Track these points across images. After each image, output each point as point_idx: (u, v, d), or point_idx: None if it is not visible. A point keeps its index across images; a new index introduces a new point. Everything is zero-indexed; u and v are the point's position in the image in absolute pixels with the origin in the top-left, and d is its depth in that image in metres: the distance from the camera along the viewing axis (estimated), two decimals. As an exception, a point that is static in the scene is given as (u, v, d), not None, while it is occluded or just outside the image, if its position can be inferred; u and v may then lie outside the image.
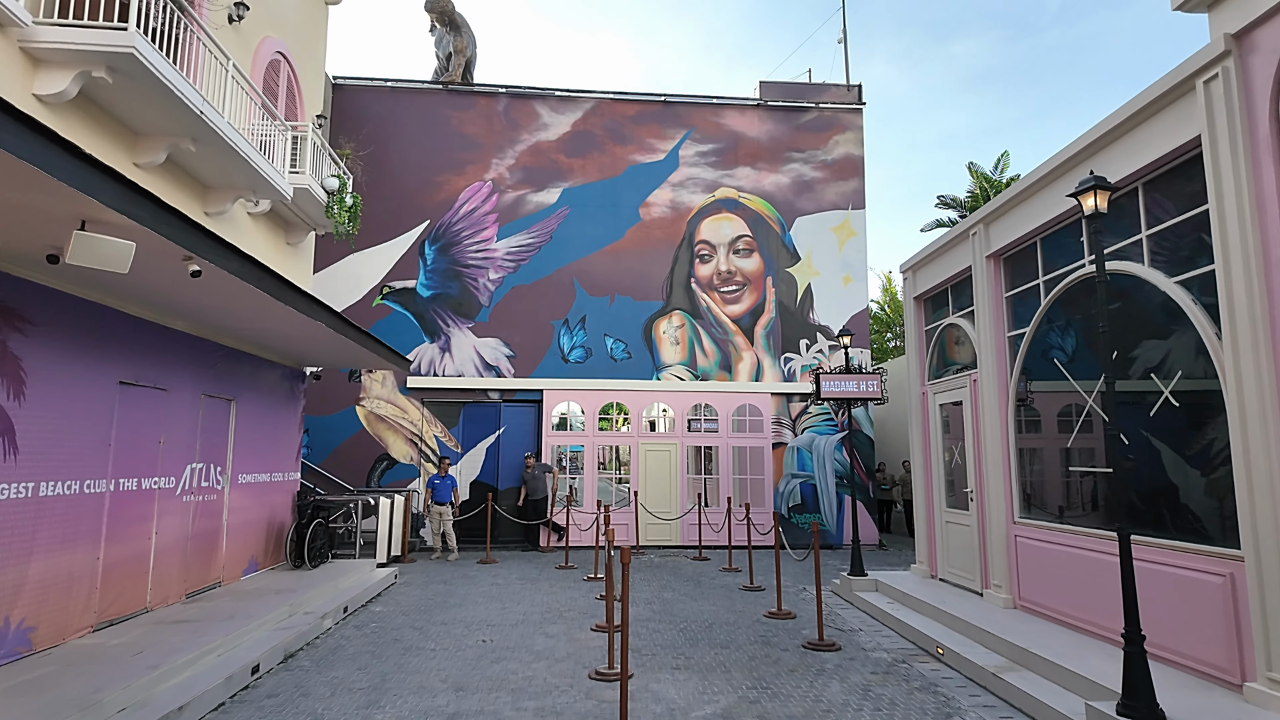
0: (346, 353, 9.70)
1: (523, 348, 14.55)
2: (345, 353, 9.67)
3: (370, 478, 13.99)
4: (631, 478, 14.25)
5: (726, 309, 14.99)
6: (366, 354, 9.69)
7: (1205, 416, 5.08)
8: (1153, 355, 5.55)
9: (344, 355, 9.96)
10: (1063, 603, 6.46)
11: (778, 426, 14.71)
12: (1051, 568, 6.64)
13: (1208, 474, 5.07)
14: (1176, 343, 5.32)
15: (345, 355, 9.95)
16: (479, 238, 14.83)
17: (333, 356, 10.13)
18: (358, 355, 9.84)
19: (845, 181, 15.68)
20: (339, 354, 9.91)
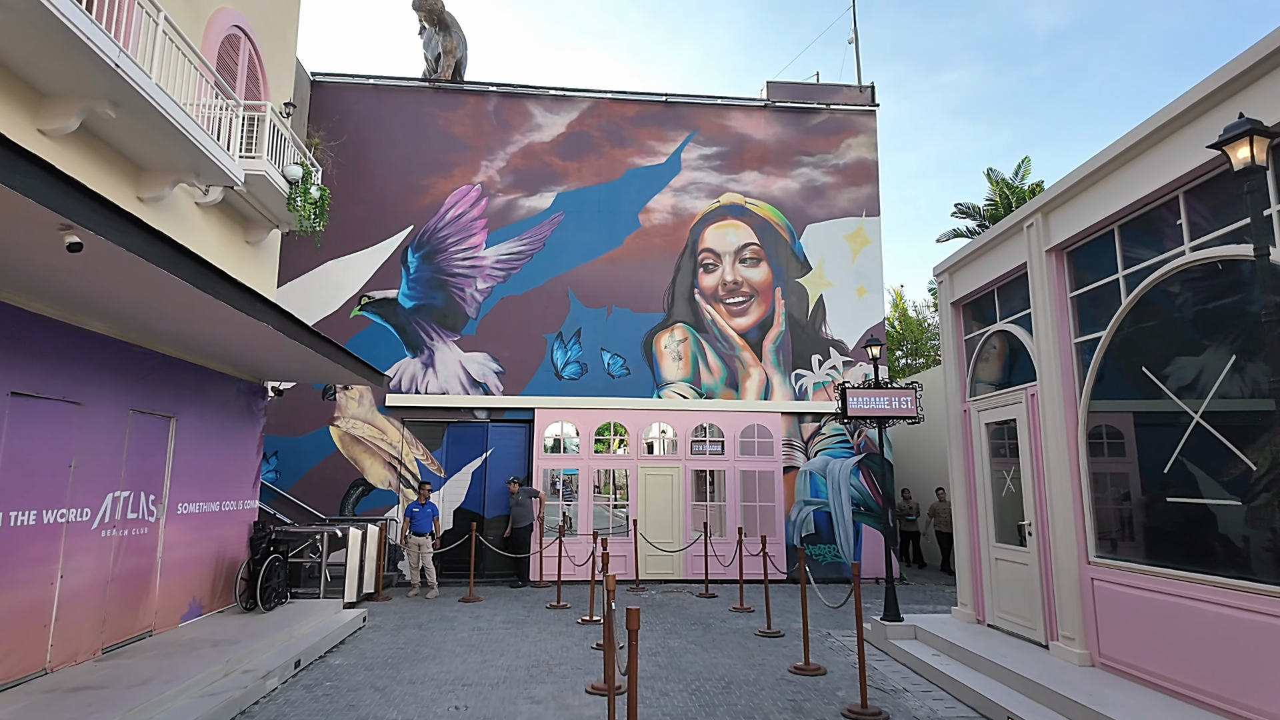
0: (310, 365, 8.55)
1: (513, 363, 13.42)
2: (308, 365, 8.53)
3: (344, 505, 12.76)
4: (630, 504, 13.05)
5: (733, 322, 13.91)
6: (333, 367, 8.54)
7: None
8: None
9: (307, 367, 8.81)
10: (1163, 664, 5.30)
11: (789, 449, 13.56)
12: (1145, 620, 5.48)
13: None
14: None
15: (309, 367, 8.81)
16: (466, 244, 13.76)
17: (295, 369, 8.98)
18: (323, 368, 8.69)
19: (858, 187, 14.70)
20: (302, 366, 8.76)
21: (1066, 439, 6.38)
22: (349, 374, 9.10)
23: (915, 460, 16.18)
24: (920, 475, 16.16)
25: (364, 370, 9.09)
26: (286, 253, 13.32)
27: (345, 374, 9.16)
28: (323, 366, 8.74)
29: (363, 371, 9.06)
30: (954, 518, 8.40)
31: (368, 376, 9.22)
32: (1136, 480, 5.77)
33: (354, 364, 8.71)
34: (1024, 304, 7.24)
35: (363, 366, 9.04)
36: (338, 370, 8.90)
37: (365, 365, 8.98)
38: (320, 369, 8.95)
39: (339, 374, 9.19)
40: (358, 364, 8.78)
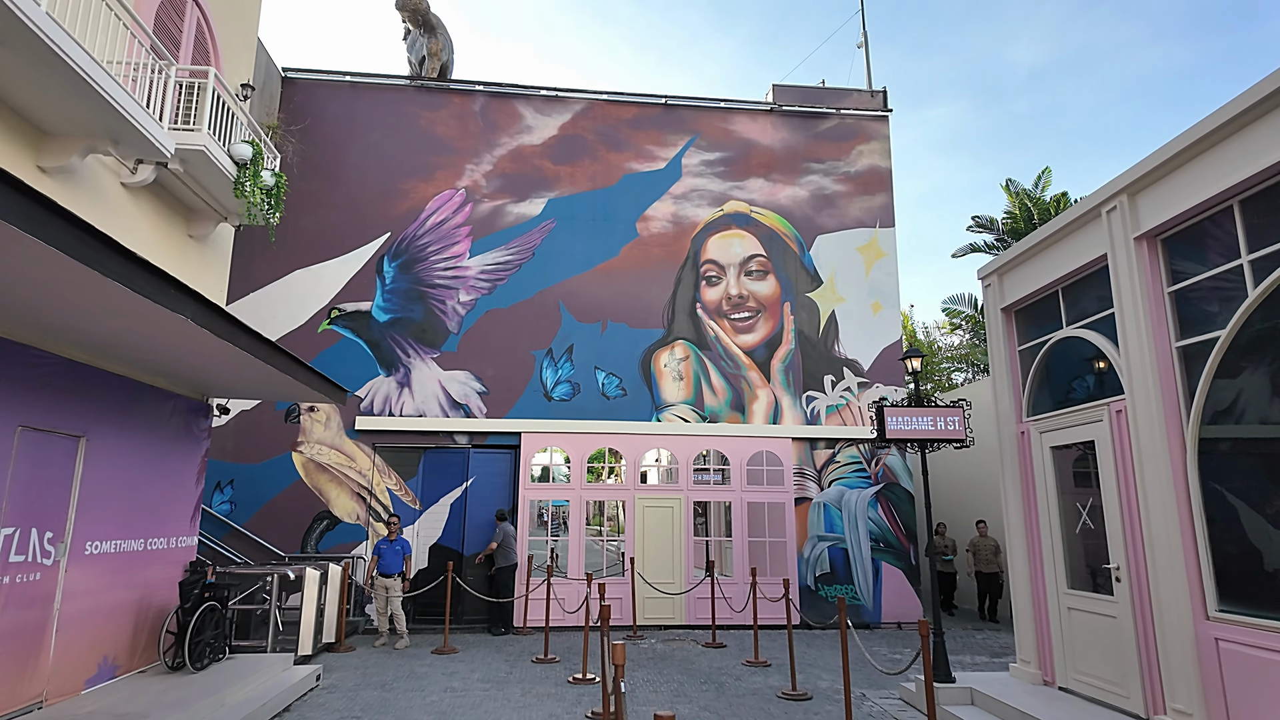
0: (258, 377, 7.31)
1: (498, 382, 12.19)
2: (257, 377, 7.28)
3: (307, 541, 11.39)
4: (626, 539, 11.75)
5: (738, 339, 12.78)
6: (286, 380, 7.30)
7: None
8: None
9: (256, 380, 7.56)
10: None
11: (800, 478, 12.34)
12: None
13: None
14: None
15: (258, 380, 7.56)
16: (449, 253, 12.60)
17: (243, 382, 7.73)
18: (273, 382, 7.45)
19: (871, 196, 13.72)
20: (251, 379, 7.52)
21: (1171, 464, 5.22)
22: (305, 389, 7.85)
23: (949, 490, 14.99)
24: (949, 507, 14.96)
25: (322, 385, 7.85)
26: (248, 261, 12.13)
27: (301, 389, 7.91)
28: (273, 380, 7.49)
29: (321, 387, 7.82)
30: (1009, 558, 7.19)
31: (327, 393, 7.97)
32: (1277, 514, 4.61)
33: (310, 377, 7.47)
34: (1100, 304, 6.14)
35: (321, 381, 7.81)
36: (292, 385, 7.65)
37: (324, 380, 7.74)
38: (271, 383, 7.70)
39: (293, 389, 7.94)
40: (314, 377, 7.55)
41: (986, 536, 12.69)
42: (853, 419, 12.68)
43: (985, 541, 12.60)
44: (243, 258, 12.14)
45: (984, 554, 12.54)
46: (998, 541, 12.47)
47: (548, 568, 9.90)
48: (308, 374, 7.35)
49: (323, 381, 7.87)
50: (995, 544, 12.46)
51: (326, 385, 7.96)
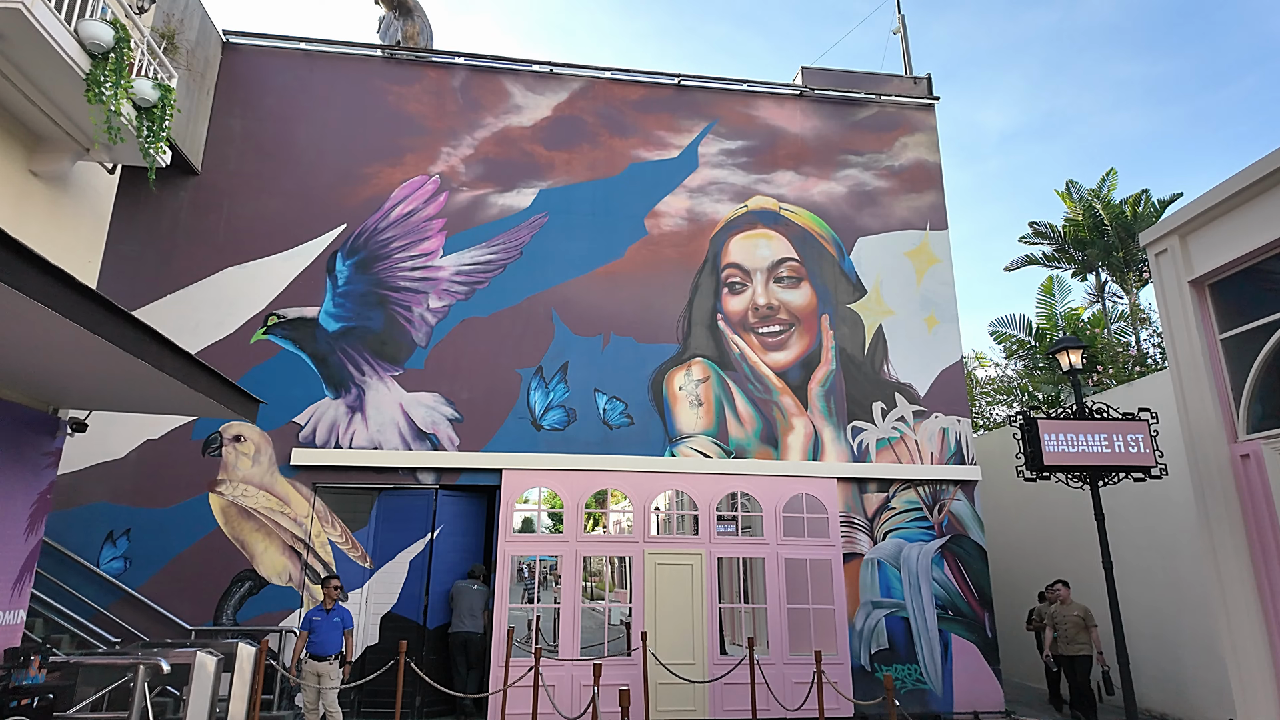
0: (125, 378, 4.96)
1: (474, 408, 9.82)
2: (122, 378, 4.94)
3: (222, 609, 8.79)
4: (634, 607, 9.24)
5: (768, 357, 10.53)
6: (169, 384, 4.96)
7: None
8: None
9: (122, 384, 5.21)
10: None
11: (848, 529, 9.96)
12: None
13: None
14: None
15: (124, 384, 5.20)
16: (417, 250, 10.36)
17: (103, 385, 5.36)
18: (150, 386, 5.11)
19: (919, 194, 11.71)
20: (114, 381, 5.16)
21: None
22: (199, 398, 5.48)
23: (1003, 541, 12.56)
24: (1011, 565, 12.54)
25: (224, 393, 5.49)
26: (167, 255, 9.83)
27: (192, 398, 5.53)
28: (151, 383, 5.13)
29: (222, 395, 5.46)
30: (1229, 629, 4.83)
31: (231, 404, 5.59)
32: None
33: (205, 380, 5.13)
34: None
35: (222, 387, 5.45)
36: (177, 390, 5.28)
37: (226, 385, 5.39)
38: (148, 388, 5.33)
39: (180, 397, 5.57)
40: (211, 381, 5.20)
41: (1069, 603, 9.68)
42: (908, 455, 10.38)
43: (1067, 612, 9.54)
44: (160, 251, 9.84)
45: (1066, 629, 9.41)
46: (1085, 610, 9.56)
47: (535, 650, 7.34)
48: (200, 375, 5.00)
49: (224, 388, 5.51)
50: (1082, 614, 9.45)
51: (229, 393, 5.60)
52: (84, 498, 8.89)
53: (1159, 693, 9.91)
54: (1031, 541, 12.24)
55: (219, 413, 5.83)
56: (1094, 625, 9.29)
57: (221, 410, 5.72)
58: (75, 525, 8.78)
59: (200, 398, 5.47)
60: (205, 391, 5.30)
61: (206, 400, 5.49)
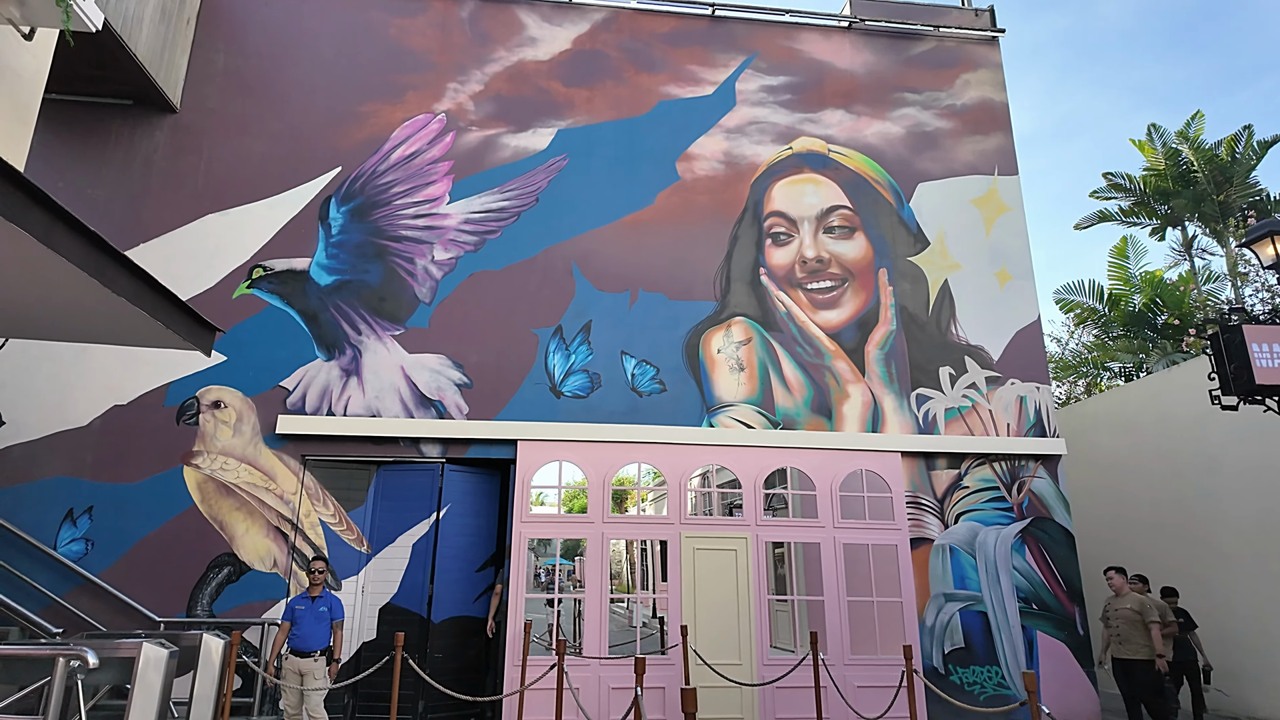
0: (22, 280, 3.79)
1: (485, 371, 8.62)
2: (19, 280, 3.77)
3: (197, 598, 7.63)
4: (669, 600, 7.98)
5: (818, 316, 9.25)
6: (98, 295, 3.79)
7: None
8: None
9: (31, 297, 4.04)
10: None
11: (915, 510, 8.65)
12: None
13: None
14: None
15: (35, 296, 4.03)
16: (420, 196, 9.18)
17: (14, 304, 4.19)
18: (77, 300, 3.94)
19: (984, 136, 10.38)
20: (25, 293, 4.00)
21: None
22: (136, 317, 4.30)
23: (1090, 527, 11.12)
24: (1099, 555, 11.12)
25: (167, 311, 4.31)
26: (139, 200, 8.73)
27: (128, 318, 4.35)
28: (67, 289, 3.96)
29: (164, 313, 4.28)
30: None
31: (177, 327, 4.41)
32: None
33: (129, 284, 3.95)
34: None
35: (165, 305, 4.28)
36: (107, 306, 4.10)
37: (170, 301, 4.22)
38: (64, 298, 4.16)
39: (112, 316, 4.39)
40: (135, 285, 4.01)
41: (1124, 594, 7.79)
42: (981, 426, 9.05)
43: (1120, 605, 7.75)
44: (131, 196, 8.73)
45: (1119, 626, 7.66)
46: (1144, 604, 7.64)
47: (558, 643, 6.07)
48: (141, 290, 3.83)
49: (171, 308, 4.33)
50: (1137, 609, 7.63)
51: (176, 314, 4.42)
52: (40, 471, 7.78)
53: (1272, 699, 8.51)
54: (1113, 528, 10.85)
55: (162, 340, 4.65)
56: (1154, 621, 7.54)
57: (166, 337, 4.54)
58: (29, 502, 7.66)
59: (141, 318, 4.29)
60: (148, 309, 4.13)
61: (147, 321, 4.30)
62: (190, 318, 4.50)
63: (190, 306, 4.58)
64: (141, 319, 4.30)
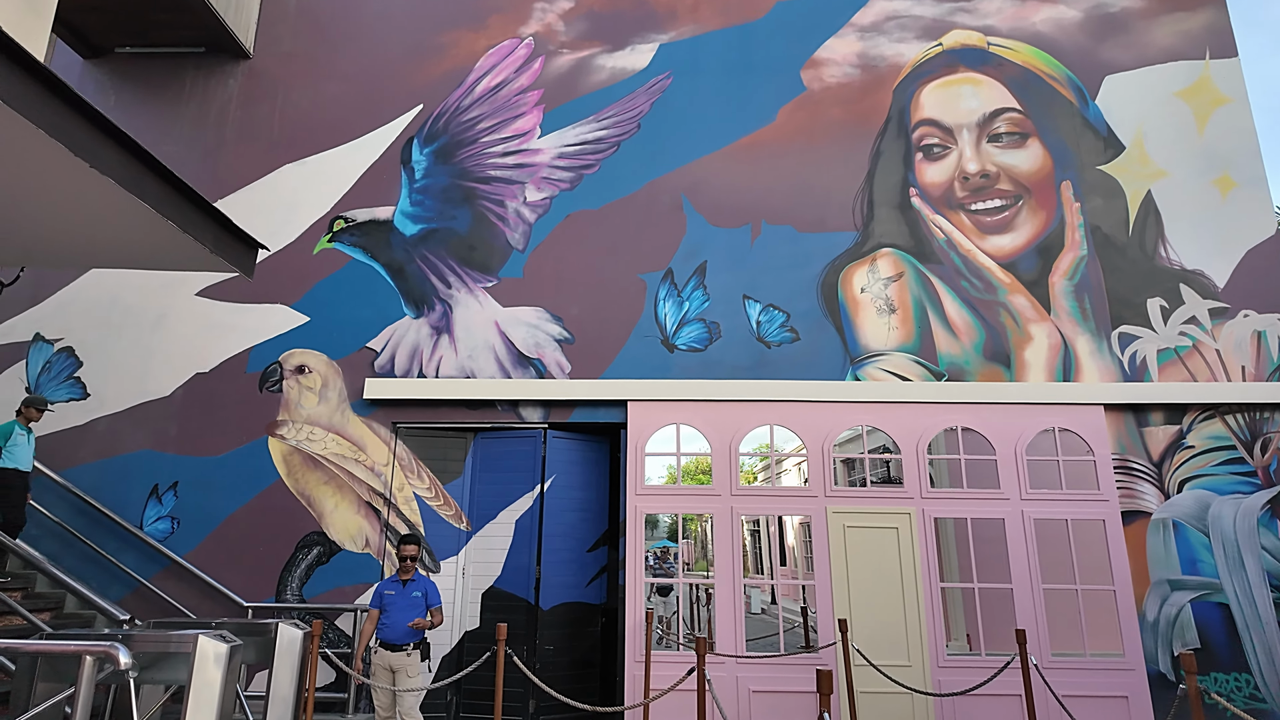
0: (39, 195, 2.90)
1: (587, 324, 7.49)
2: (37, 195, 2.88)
3: (286, 581, 6.92)
4: (817, 587, 6.61)
5: (986, 243, 7.57)
6: (119, 205, 2.87)
7: None
8: None
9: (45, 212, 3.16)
10: None
11: (1126, 476, 6.88)
12: None
13: None
14: None
15: (51, 210, 3.15)
16: (509, 130, 8.13)
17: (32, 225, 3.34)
18: (98, 211, 3.03)
19: (1188, 13, 8.30)
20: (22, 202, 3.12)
21: None
22: (161, 229, 3.37)
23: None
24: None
25: (197, 222, 3.35)
26: (213, 153, 8.09)
27: (151, 230, 3.43)
28: (86, 200, 3.04)
29: (183, 215, 3.32)
30: None
31: (206, 235, 3.45)
32: None
33: (147, 183, 2.98)
34: None
35: (195, 214, 3.31)
36: (128, 219, 3.19)
37: (199, 208, 3.25)
38: (82, 210, 3.26)
39: (132, 230, 3.48)
40: (155, 185, 3.04)
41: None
42: (1207, 371, 7.15)
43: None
44: (205, 150, 8.11)
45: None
46: None
47: (698, 640, 4.82)
48: (144, 178, 2.86)
49: (187, 207, 3.37)
50: None
51: (196, 216, 3.44)
52: (124, 445, 7.27)
53: None
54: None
55: (198, 260, 3.71)
56: None
57: (200, 256, 3.58)
58: (114, 478, 7.16)
59: (170, 232, 3.35)
60: (178, 221, 3.18)
61: (176, 235, 3.36)
62: (227, 231, 3.53)
63: (228, 218, 3.60)
64: (170, 234, 3.36)
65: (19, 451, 6.40)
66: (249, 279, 3.86)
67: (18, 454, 6.39)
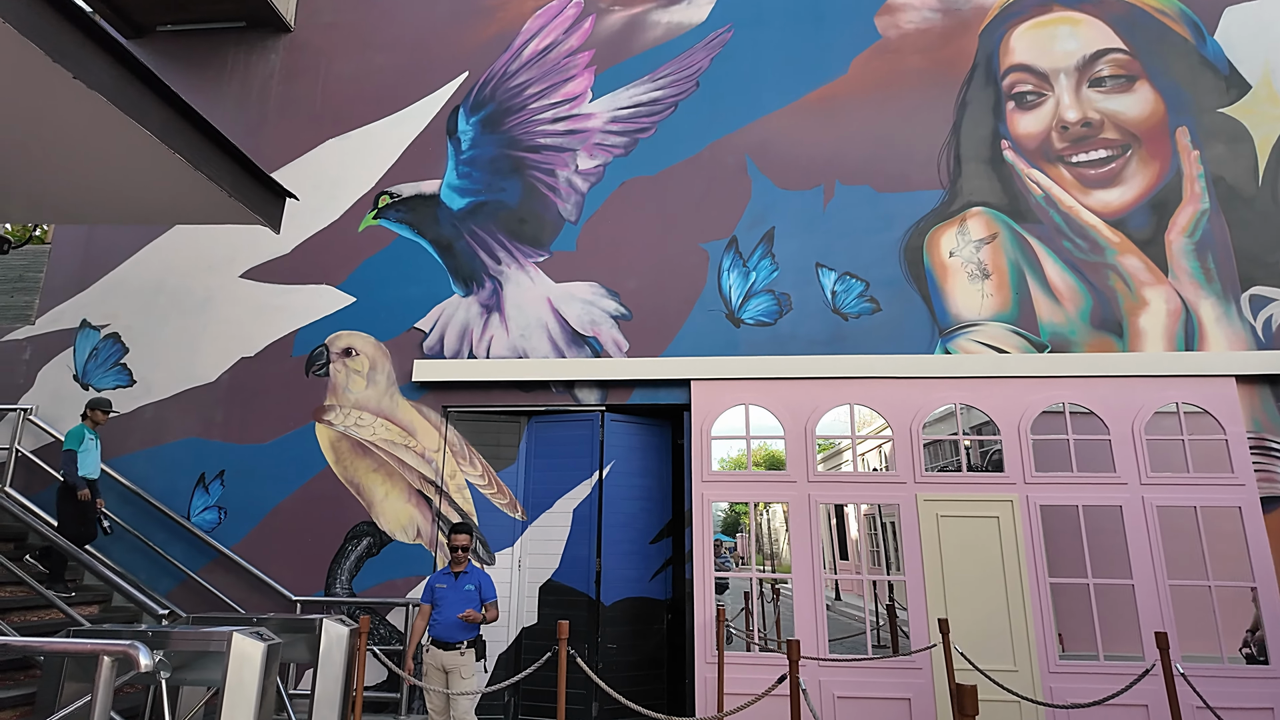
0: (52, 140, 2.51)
1: (645, 299, 6.95)
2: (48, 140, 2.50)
3: (334, 575, 6.59)
4: (908, 582, 5.95)
5: (1090, 198, 6.75)
6: (142, 153, 2.46)
7: None
8: None
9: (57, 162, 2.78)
10: None
11: (1263, 457, 6.03)
12: None
13: None
14: None
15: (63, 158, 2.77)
16: (559, 95, 7.63)
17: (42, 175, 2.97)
18: (119, 162, 2.64)
19: (1323, -68, 7.28)
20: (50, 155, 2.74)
21: None
22: (184, 177, 2.96)
23: None
24: None
25: (221, 167, 2.91)
26: (255, 129, 7.80)
27: (175, 179, 3.03)
28: (106, 151, 2.64)
29: (220, 170, 2.89)
30: None
31: (225, 179, 3.02)
32: None
33: (150, 109, 2.54)
34: None
35: (220, 159, 2.87)
36: (150, 166, 2.78)
37: (223, 152, 2.81)
38: (101, 160, 2.86)
39: (152, 176, 3.08)
40: (161, 111, 2.60)
41: None
42: (1359, 337, 6.22)
43: None
44: (247, 127, 7.83)
45: None
46: None
47: (789, 645, 4.23)
48: (151, 108, 2.43)
49: (226, 163, 2.94)
50: None
51: (231, 170, 3.02)
52: (171, 433, 7.04)
53: None
54: None
55: (220, 211, 3.30)
56: None
57: (223, 205, 3.16)
58: (162, 466, 6.93)
59: (185, 173, 2.94)
60: (189, 157, 2.77)
61: (189, 174, 2.95)
62: (249, 175, 3.09)
63: (250, 160, 3.17)
64: (181, 173, 2.95)
65: (87, 458, 6.12)
66: (275, 233, 3.50)
67: (85, 460, 6.10)
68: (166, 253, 7.61)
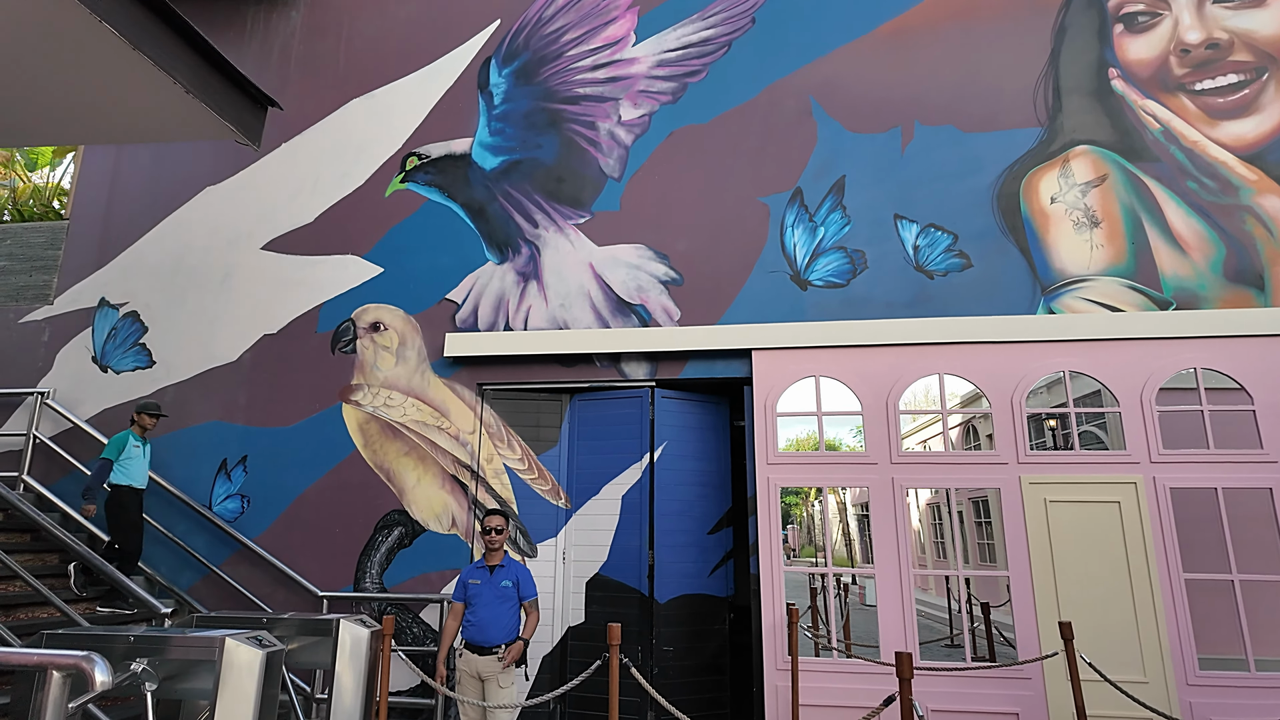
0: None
1: (699, 262, 6.21)
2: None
3: (364, 568, 6.04)
4: (1012, 577, 5.11)
5: (1218, 131, 5.77)
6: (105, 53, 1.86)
7: None
8: None
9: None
10: None
11: None
12: None
13: None
14: None
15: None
16: (598, 40, 6.92)
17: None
18: None
19: None
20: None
21: None
22: (151, 80, 2.35)
23: None
24: None
25: (193, 70, 2.27)
26: (276, 90, 7.27)
27: (144, 82, 2.42)
28: None
29: (190, 74, 2.25)
30: None
31: (186, 76, 2.39)
32: None
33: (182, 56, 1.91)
34: None
35: (191, 57, 2.22)
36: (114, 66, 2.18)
37: (196, 49, 2.17)
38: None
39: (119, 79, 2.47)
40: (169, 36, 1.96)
41: None
42: None
43: None
44: (270, 91, 7.30)
45: None
46: None
47: (899, 658, 3.51)
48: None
49: (200, 62, 2.29)
50: None
51: (204, 71, 2.37)
52: (192, 416, 6.58)
53: None
54: None
55: (194, 125, 2.68)
56: None
57: (195, 116, 2.55)
58: (183, 452, 6.48)
59: (153, 78, 2.33)
60: (156, 59, 2.16)
61: (153, 75, 2.34)
62: (221, 74, 2.46)
63: (227, 61, 2.53)
64: (148, 75, 2.33)
65: (133, 466, 5.67)
66: (254, 148, 2.90)
67: (132, 469, 5.65)
68: (185, 226, 7.16)
